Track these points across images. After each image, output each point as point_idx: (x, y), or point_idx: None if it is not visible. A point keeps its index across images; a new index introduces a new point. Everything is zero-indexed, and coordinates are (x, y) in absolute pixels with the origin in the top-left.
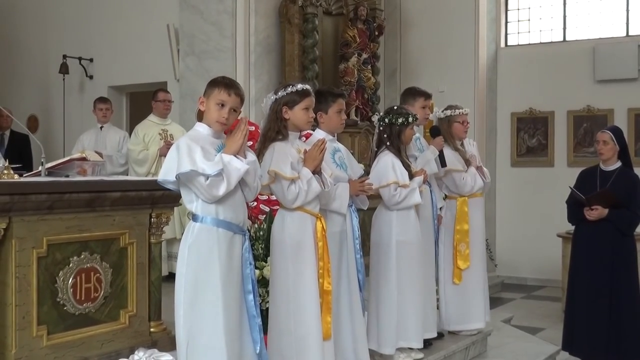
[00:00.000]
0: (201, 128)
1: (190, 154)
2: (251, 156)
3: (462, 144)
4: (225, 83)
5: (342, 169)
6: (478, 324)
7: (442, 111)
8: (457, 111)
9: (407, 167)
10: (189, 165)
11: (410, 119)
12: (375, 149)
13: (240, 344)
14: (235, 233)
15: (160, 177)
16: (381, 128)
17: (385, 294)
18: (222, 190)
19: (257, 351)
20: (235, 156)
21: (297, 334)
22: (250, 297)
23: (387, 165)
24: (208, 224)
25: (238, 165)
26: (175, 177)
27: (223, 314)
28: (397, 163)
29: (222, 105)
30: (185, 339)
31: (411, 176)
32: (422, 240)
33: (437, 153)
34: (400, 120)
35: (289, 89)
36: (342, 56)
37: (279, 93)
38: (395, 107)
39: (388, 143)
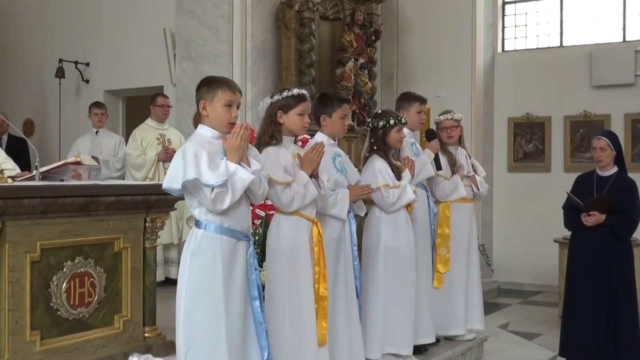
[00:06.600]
0: (204, 131)
1: (196, 162)
2: (256, 164)
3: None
4: (227, 82)
5: (342, 174)
6: (457, 330)
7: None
8: (442, 117)
9: (396, 170)
10: (193, 173)
11: (392, 121)
12: (367, 155)
13: (245, 353)
14: (239, 240)
15: (165, 185)
16: (369, 134)
17: (373, 298)
18: (226, 203)
19: (265, 358)
20: (240, 163)
21: (292, 340)
22: (257, 303)
23: (374, 170)
24: (211, 231)
25: (244, 176)
26: (181, 186)
27: (225, 322)
28: (385, 166)
29: (230, 105)
30: (185, 347)
31: (399, 178)
32: (416, 245)
33: (433, 156)
34: (381, 123)
35: (285, 93)
36: (339, 61)
37: (275, 97)
38: (380, 112)
39: (375, 147)
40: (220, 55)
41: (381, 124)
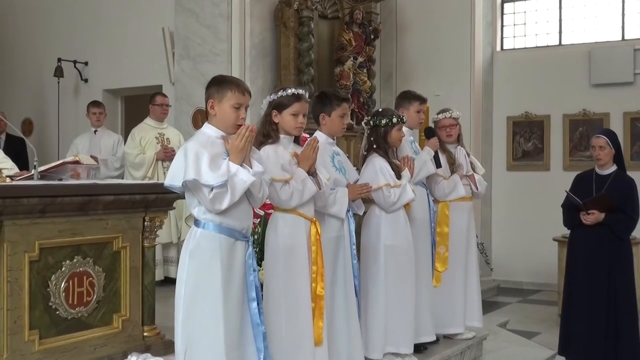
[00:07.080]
0: (210, 130)
1: (197, 162)
2: (258, 166)
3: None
4: (237, 84)
5: (341, 173)
6: (456, 329)
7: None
8: (440, 115)
9: (395, 169)
10: (192, 174)
11: (395, 120)
12: (365, 153)
13: (242, 354)
14: (238, 239)
15: (166, 182)
16: (368, 132)
17: (374, 298)
18: (225, 203)
19: None
20: (242, 165)
21: (288, 339)
22: (254, 304)
23: (375, 169)
24: (210, 230)
25: (244, 177)
26: (182, 184)
27: (223, 322)
28: (385, 165)
29: (238, 107)
30: (183, 347)
31: (399, 177)
32: (416, 244)
33: (433, 154)
34: (383, 121)
35: (280, 93)
36: (338, 60)
37: (271, 96)
38: (380, 110)
39: (375, 146)
40: (219, 54)
41: (384, 122)
